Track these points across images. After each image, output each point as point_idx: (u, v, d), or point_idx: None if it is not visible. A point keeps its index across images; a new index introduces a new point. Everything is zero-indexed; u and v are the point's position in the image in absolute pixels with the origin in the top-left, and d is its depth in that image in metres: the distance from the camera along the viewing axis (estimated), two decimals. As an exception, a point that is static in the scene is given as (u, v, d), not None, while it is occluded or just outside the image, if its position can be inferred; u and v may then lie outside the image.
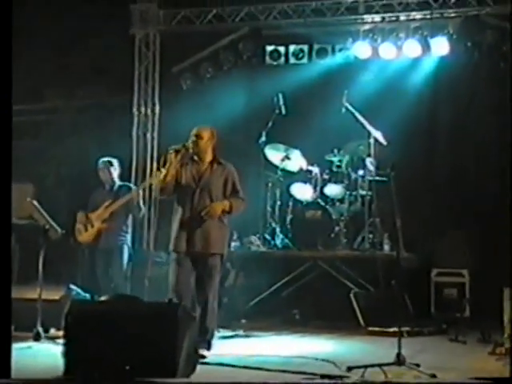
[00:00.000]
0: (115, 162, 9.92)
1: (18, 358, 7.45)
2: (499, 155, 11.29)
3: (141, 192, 9.84)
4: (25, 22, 12.11)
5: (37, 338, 8.53)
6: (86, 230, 9.59)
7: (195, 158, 8.10)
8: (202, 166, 8.09)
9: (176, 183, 8.03)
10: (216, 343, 8.07)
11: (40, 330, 8.58)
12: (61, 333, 7.22)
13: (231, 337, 9.23)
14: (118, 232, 9.62)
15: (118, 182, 9.88)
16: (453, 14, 11.66)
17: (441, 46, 11.72)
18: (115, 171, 9.86)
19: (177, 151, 7.95)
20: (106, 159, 9.85)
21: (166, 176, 7.96)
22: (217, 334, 8.42)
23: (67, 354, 6.28)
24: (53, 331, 8.65)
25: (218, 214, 7.92)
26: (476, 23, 11.53)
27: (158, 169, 9.92)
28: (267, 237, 11.09)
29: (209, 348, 7.85)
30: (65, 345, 6.37)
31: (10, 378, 5.89)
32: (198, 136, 8.02)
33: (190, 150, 8.02)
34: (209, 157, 8.09)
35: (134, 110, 12.81)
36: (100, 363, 6.13)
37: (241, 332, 9.53)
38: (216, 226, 7.99)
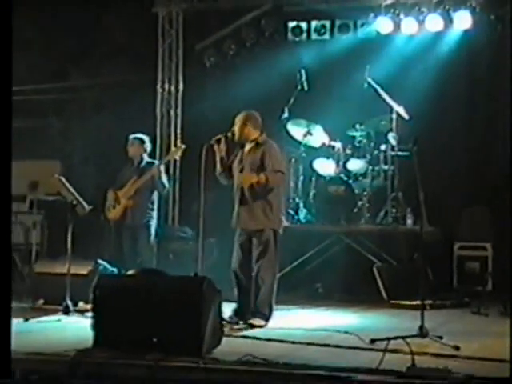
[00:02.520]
0: (146, 138, 9.96)
1: (48, 331, 7.68)
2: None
3: (163, 169, 9.83)
4: (49, 2, 12.27)
5: (66, 311, 8.64)
6: (114, 207, 9.65)
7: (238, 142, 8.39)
8: (245, 148, 8.35)
9: (229, 168, 8.39)
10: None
11: (69, 303, 8.69)
12: (89, 306, 7.34)
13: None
14: (143, 209, 9.65)
15: (145, 159, 9.89)
16: (474, -12, 11.61)
17: (463, 19, 11.60)
18: (145, 148, 9.89)
19: (218, 141, 8.29)
20: (137, 136, 9.88)
21: (214, 165, 8.29)
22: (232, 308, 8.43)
23: (96, 327, 6.38)
24: (81, 304, 8.70)
25: (248, 184, 8.09)
26: (497, -2, 11.52)
27: (176, 145, 10.08)
28: (291, 212, 11.07)
29: (267, 319, 8.04)
30: (93, 318, 6.46)
31: (10, 378, 5.66)
32: (234, 123, 8.34)
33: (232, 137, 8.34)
34: (248, 139, 8.32)
35: (158, 87, 12.83)
36: (127, 335, 6.22)
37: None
38: (259, 203, 8.16)
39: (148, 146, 9.96)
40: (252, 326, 7.88)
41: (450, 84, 11.66)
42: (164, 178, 9.83)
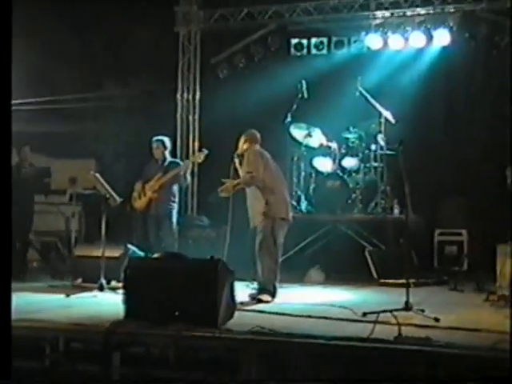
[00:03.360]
0: (167, 140, 9.87)
1: (86, 305, 7.68)
2: (492, 132, 11.28)
3: (185, 168, 9.80)
4: (85, 21, 12.28)
5: (101, 288, 8.67)
6: (140, 198, 9.59)
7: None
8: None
9: None
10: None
11: (103, 282, 8.73)
12: (121, 284, 7.38)
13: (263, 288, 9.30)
14: (166, 201, 9.58)
15: (168, 158, 9.82)
16: (452, 10, 11.55)
17: (442, 37, 11.65)
18: (167, 149, 9.81)
19: (238, 156, 8.50)
20: (159, 138, 9.81)
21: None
22: (251, 286, 8.54)
23: (126, 302, 6.40)
24: (114, 283, 8.70)
25: (230, 189, 8.29)
26: (472, 17, 11.45)
27: (200, 149, 10.09)
28: (293, 203, 10.93)
29: (273, 296, 8.07)
30: (124, 294, 6.49)
31: (10, 378, 5.33)
32: (239, 139, 8.56)
33: None
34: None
35: (178, 96, 12.82)
36: (153, 309, 6.22)
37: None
38: (256, 202, 8.23)
39: (168, 146, 9.89)
40: (260, 301, 7.90)
41: (431, 92, 11.67)
42: (188, 176, 9.79)
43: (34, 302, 7.89)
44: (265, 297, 8.01)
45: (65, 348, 6.72)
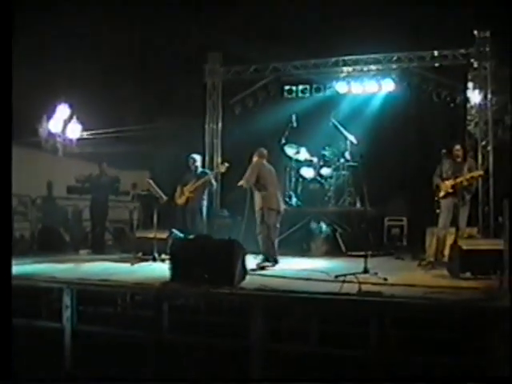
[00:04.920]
0: (199, 157, 9.77)
1: (144, 272, 7.63)
2: (422, 149, 11.23)
3: (213, 176, 9.81)
4: (146, 79, 12.30)
5: (154, 259, 8.68)
6: (180, 197, 9.50)
7: None
8: None
9: None
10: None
11: (156, 255, 8.72)
12: (167, 257, 7.29)
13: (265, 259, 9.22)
14: (198, 199, 9.47)
15: (199, 169, 9.72)
16: (394, 66, 11.45)
17: (388, 85, 11.59)
18: (198, 162, 9.69)
19: None
20: (193, 155, 9.70)
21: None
22: (257, 258, 8.26)
23: (171, 269, 6.40)
24: (163, 256, 8.63)
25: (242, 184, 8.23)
26: (408, 72, 11.39)
27: (222, 162, 10.08)
28: (287, 199, 10.87)
29: (274, 264, 8.04)
30: (170, 263, 6.48)
31: (10, 378, 4.63)
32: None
33: None
34: None
35: (206, 126, 12.72)
36: (190, 274, 6.23)
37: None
38: (255, 199, 8.27)
39: (199, 161, 9.79)
40: (262, 268, 7.82)
41: (380, 123, 11.41)
42: (213, 182, 9.70)
43: (110, 269, 7.93)
44: (265, 264, 7.95)
45: (130, 299, 6.84)
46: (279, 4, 10.82)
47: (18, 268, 7.68)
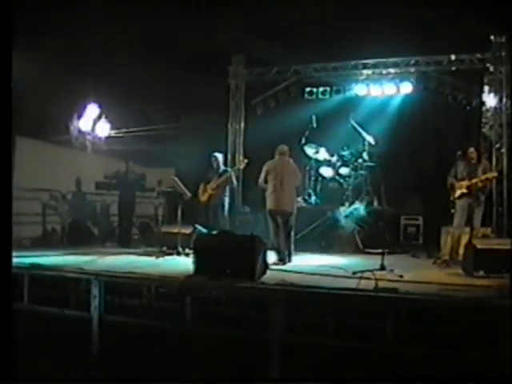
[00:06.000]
0: (220, 155, 9.73)
1: (168, 265, 7.69)
2: (438, 150, 11.22)
3: (233, 174, 9.74)
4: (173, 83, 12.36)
5: (178, 253, 8.73)
6: (203, 194, 9.47)
7: None
8: None
9: None
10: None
11: (180, 249, 8.77)
12: (191, 251, 7.39)
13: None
14: (220, 196, 9.43)
15: (222, 167, 9.68)
16: (412, 70, 11.42)
17: (406, 88, 11.52)
18: (220, 160, 9.66)
19: None
20: (216, 154, 9.66)
21: None
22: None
23: (195, 263, 6.42)
24: (187, 250, 8.68)
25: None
26: (425, 75, 11.32)
27: (242, 159, 10.07)
28: (306, 198, 11.00)
29: (289, 261, 8.05)
30: (194, 257, 6.50)
31: (10, 378, 4.48)
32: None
33: None
34: None
35: (229, 125, 12.80)
36: (212, 268, 6.24)
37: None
38: None
39: (221, 159, 9.76)
40: (283, 264, 7.84)
41: (398, 124, 11.42)
42: (234, 179, 9.70)
43: (135, 262, 7.95)
44: (275, 262, 7.87)
45: (155, 291, 6.90)
46: (302, 8, 10.80)
47: (49, 259, 7.86)
